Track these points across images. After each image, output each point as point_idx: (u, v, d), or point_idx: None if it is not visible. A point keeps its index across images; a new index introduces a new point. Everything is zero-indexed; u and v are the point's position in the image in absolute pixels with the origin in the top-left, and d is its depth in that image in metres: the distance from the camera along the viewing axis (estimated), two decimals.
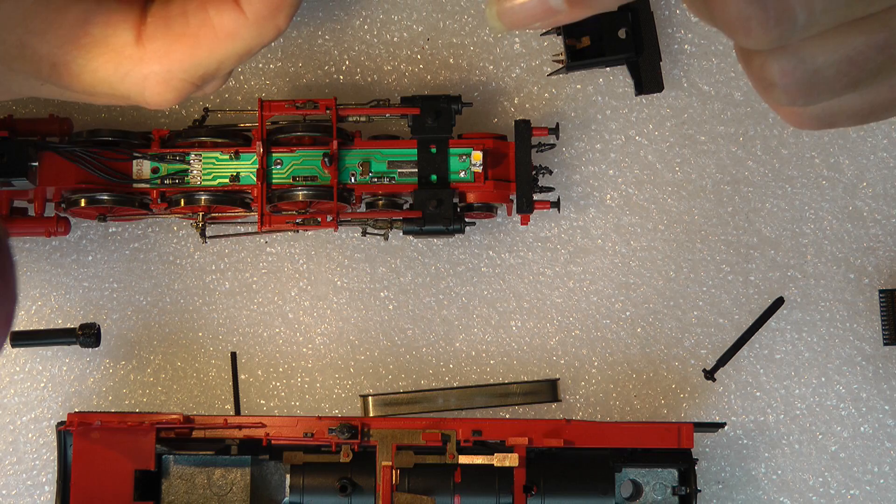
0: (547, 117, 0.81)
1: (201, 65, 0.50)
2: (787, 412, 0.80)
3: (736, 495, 0.79)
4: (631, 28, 0.78)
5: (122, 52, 0.49)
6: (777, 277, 0.81)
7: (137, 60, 0.49)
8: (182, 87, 0.51)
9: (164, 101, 0.51)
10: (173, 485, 0.74)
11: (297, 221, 0.76)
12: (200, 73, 0.50)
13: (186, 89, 0.51)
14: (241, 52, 0.50)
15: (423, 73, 0.81)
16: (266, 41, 0.50)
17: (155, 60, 0.49)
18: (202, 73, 0.50)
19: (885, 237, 0.81)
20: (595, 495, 0.74)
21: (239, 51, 0.50)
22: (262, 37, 0.50)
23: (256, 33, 0.50)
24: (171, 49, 0.49)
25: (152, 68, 0.49)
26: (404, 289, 0.81)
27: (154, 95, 0.50)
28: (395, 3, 0.82)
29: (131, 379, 0.80)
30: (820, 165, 0.81)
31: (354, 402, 0.80)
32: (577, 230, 0.81)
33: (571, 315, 0.81)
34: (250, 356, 0.80)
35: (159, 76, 0.50)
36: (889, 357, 0.80)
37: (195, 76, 0.50)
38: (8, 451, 0.79)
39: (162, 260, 0.80)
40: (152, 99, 0.50)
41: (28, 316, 0.80)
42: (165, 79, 0.50)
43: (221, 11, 0.49)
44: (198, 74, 0.50)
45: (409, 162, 0.76)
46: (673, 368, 0.80)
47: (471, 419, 0.74)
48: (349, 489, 0.73)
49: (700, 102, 0.81)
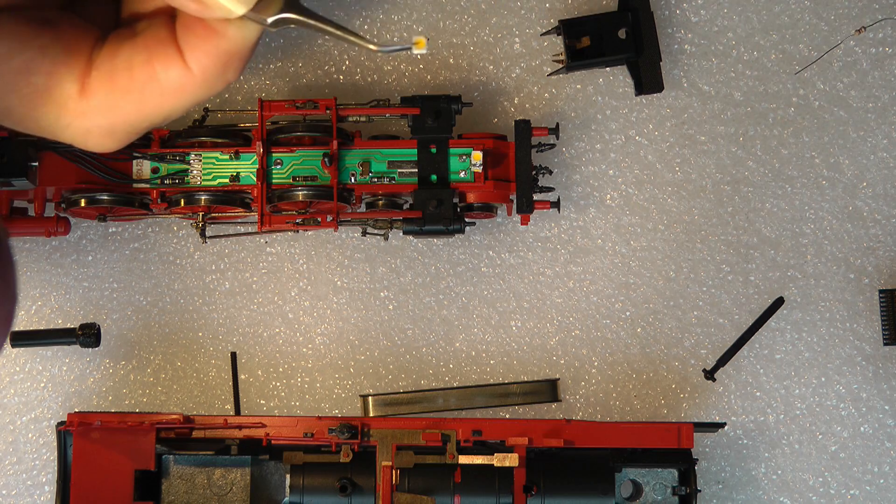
0: (547, 117, 0.81)
1: (146, 119, 0.49)
2: (787, 412, 0.80)
3: (736, 495, 0.79)
4: (631, 28, 0.78)
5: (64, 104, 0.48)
6: (777, 277, 0.81)
7: (80, 113, 0.48)
8: (126, 137, 0.50)
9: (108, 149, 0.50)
10: (173, 485, 0.74)
11: (297, 221, 0.76)
12: (145, 126, 0.49)
13: (129, 138, 0.50)
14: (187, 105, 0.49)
15: (423, 73, 0.81)
16: (214, 93, 0.50)
17: (98, 114, 0.48)
18: (147, 125, 0.49)
19: (885, 237, 0.81)
20: (595, 495, 0.73)
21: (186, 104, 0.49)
22: (209, 91, 0.49)
23: (204, 89, 0.49)
24: (115, 104, 0.48)
25: (95, 121, 0.48)
26: (404, 289, 0.81)
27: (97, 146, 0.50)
28: (395, 3, 0.82)
29: (131, 379, 0.80)
30: (820, 165, 0.81)
31: (354, 402, 0.80)
32: (577, 230, 0.81)
33: (571, 315, 0.81)
34: (250, 356, 0.80)
35: (102, 129, 0.49)
36: (889, 357, 0.80)
37: (140, 129, 0.49)
38: (8, 451, 0.79)
39: (162, 260, 0.80)
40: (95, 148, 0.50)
41: (28, 316, 0.80)
42: (109, 131, 0.49)
43: (168, 67, 0.48)
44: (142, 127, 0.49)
45: (409, 162, 0.76)
46: (673, 368, 0.80)
47: (471, 419, 0.74)
48: (349, 489, 0.73)
49: (700, 102, 0.81)
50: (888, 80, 0.81)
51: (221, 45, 0.48)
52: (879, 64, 0.81)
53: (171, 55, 0.48)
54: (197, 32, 0.48)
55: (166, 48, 0.48)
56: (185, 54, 0.48)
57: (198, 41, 0.48)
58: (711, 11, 0.82)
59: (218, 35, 0.48)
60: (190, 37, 0.48)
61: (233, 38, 0.48)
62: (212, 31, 0.48)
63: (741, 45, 0.81)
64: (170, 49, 0.48)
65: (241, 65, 0.49)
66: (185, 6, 0.47)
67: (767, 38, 0.82)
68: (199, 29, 0.48)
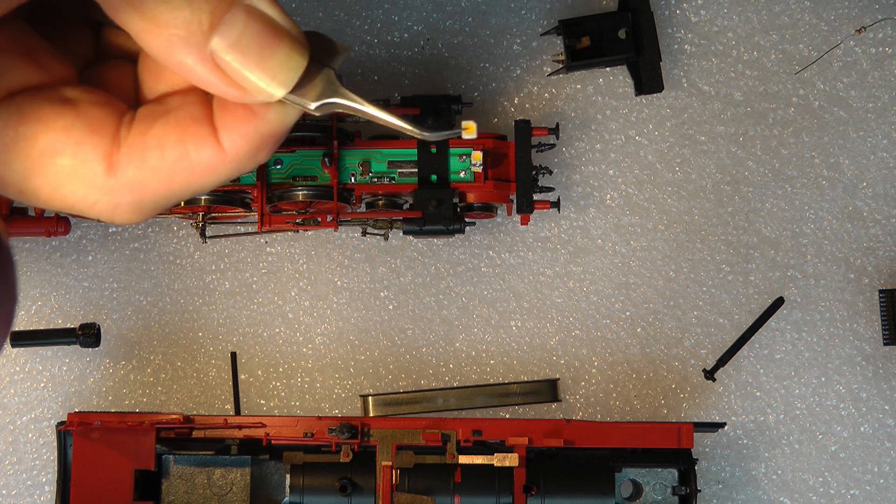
0: (547, 117, 0.81)
1: (174, 195, 0.48)
2: (787, 412, 0.80)
3: (736, 495, 0.79)
4: (631, 28, 0.78)
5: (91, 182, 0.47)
6: (777, 277, 0.81)
7: (108, 190, 0.47)
8: (153, 212, 0.49)
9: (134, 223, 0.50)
10: (173, 485, 0.74)
11: (297, 221, 0.76)
12: (172, 202, 0.49)
13: (155, 212, 0.49)
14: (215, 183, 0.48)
15: (423, 73, 0.81)
16: (244, 173, 0.49)
17: (127, 191, 0.47)
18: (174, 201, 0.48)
19: (885, 237, 0.81)
20: (595, 495, 0.73)
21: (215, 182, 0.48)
22: (239, 171, 0.48)
23: (234, 169, 0.48)
24: (144, 182, 0.47)
25: (123, 198, 0.47)
26: (404, 289, 0.81)
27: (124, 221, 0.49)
28: (395, 3, 0.82)
29: (131, 379, 0.80)
30: (820, 165, 0.81)
31: (354, 402, 0.80)
32: (577, 230, 0.81)
33: (571, 315, 0.81)
34: (250, 356, 0.80)
35: (130, 206, 0.48)
36: (889, 357, 0.80)
37: (167, 204, 0.49)
38: (8, 451, 0.79)
39: (162, 260, 0.80)
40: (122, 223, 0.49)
41: (28, 316, 0.80)
42: (137, 208, 0.48)
43: (201, 147, 0.47)
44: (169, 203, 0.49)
45: (409, 162, 0.76)
46: (673, 368, 0.80)
47: (471, 419, 0.74)
48: (349, 489, 0.73)
49: (700, 102, 0.81)
50: (888, 80, 0.81)
51: (260, 127, 0.47)
52: (879, 64, 0.81)
53: (205, 135, 0.47)
54: (236, 114, 0.47)
55: (200, 127, 0.47)
56: (219, 133, 0.47)
57: (235, 122, 0.47)
58: (711, 11, 0.82)
59: (257, 117, 0.47)
60: (228, 117, 0.47)
61: (272, 120, 0.47)
62: (251, 113, 0.47)
63: (741, 45, 0.81)
64: (203, 129, 0.47)
65: (274, 147, 0.48)
66: (225, 94, 0.46)
67: (767, 38, 0.82)
68: (238, 111, 0.47)
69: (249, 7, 0.45)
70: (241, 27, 0.45)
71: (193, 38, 0.45)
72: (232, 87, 0.46)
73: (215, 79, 0.46)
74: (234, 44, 0.45)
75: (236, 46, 0.45)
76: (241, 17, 0.45)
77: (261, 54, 0.45)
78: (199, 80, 0.46)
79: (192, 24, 0.45)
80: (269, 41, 0.45)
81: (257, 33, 0.45)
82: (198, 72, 0.45)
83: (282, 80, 0.46)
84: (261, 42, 0.45)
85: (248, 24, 0.45)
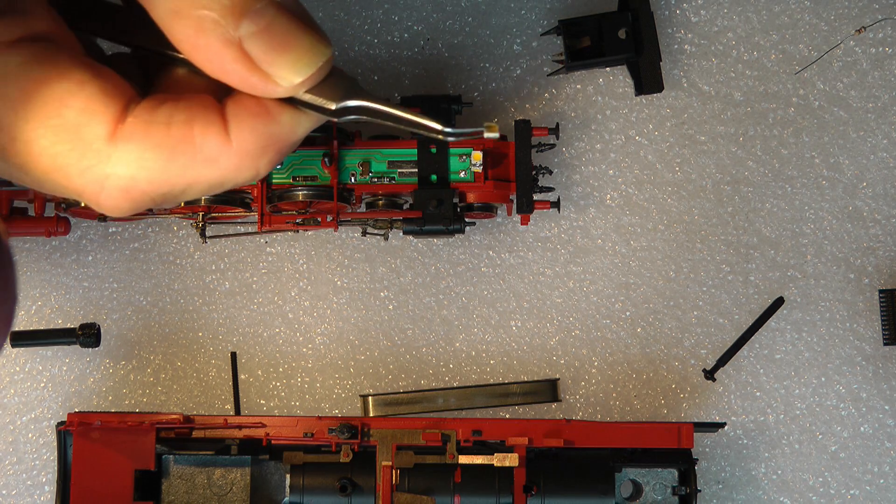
0: (547, 117, 0.81)
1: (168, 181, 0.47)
2: (787, 412, 0.80)
3: (736, 495, 0.79)
4: (631, 28, 0.78)
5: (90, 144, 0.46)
6: (777, 277, 0.81)
7: (104, 157, 0.46)
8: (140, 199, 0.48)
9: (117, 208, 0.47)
10: (173, 485, 0.74)
11: (297, 221, 0.76)
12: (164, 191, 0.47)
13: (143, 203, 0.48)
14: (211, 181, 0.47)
15: (423, 73, 0.81)
16: (239, 181, 0.48)
17: (123, 163, 0.46)
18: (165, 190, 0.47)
19: (885, 237, 0.81)
20: (595, 495, 0.74)
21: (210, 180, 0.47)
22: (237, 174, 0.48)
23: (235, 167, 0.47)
24: (143, 157, 0.46)
25: (116, 170, 0.46)
26: (404, 289, 0.81)
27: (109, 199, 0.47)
28: (395, 3, 0.82)
29: (131, 379, 0.80)
30: (820, 165, 0.81)
31: (354, 402, 0.80)
32: (577, 230, 0.81)
33: (571, 315, 0.81)
34: (250, 356, 0.80)
35: (122, 180, 0.47)
36: (889, 357, 0.80)
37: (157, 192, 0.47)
38: (8, 451, 0.79)
39: (162, 260, 0.80)
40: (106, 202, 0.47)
41: (28, 316, 0.80)
42: (127, 185, 0.47)
43: (208, 133, 0.46)
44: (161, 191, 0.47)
45: (409, 162, 0.76)
46: (673, 368, 0.80)
47: (471, 419, 0.74)
48: (349, 489, 0.73)
49: (700, 102, 0.81)
50: (888, 80, 0.81)
51: (270, 127, 0.47)
52: (879, 64, 0.81)
53: (214, 121, 0.46)
54: (249, 108, 0.47)
55: (210, 114, 0.47)
56: (229, 125, 0.47)
57: (247, 116, 0.47)
58: (711, 11, 0.82)
59: (270, 117, 0.47)
60: (240, 110, 0.47)
61: (283, 124, 0.47)
62: (265, 110, 0.47)
63: (741, 45, 0.82)
64: (213, 115, 0.47)
65: (278, 158, 0.48)
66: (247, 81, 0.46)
67: (767, 38, 0.82)
68: (253, 106, 0.47)
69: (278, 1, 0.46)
70: (272, 14, 0.46)
71: (225, 20, 0.45)
72: (255, 73, 0.46)
73: (240, 65, 0.46)
74: (263, 29, 0.45)
75: (265, 32, 0.45)
76: (271, 6, 0.46)
77: (287, 42, 0.46)
78: (222, 64, 0.46)
79: (226, 7, 0.45)
80: (296, 30, 0.46)
81: (286, 22, 0.46)
82: (224, 56, 0.46)
83: (305, 69, 0.46)
84: (288, 30, 0.46)
85: (279, 12, 0.46)
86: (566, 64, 0.78)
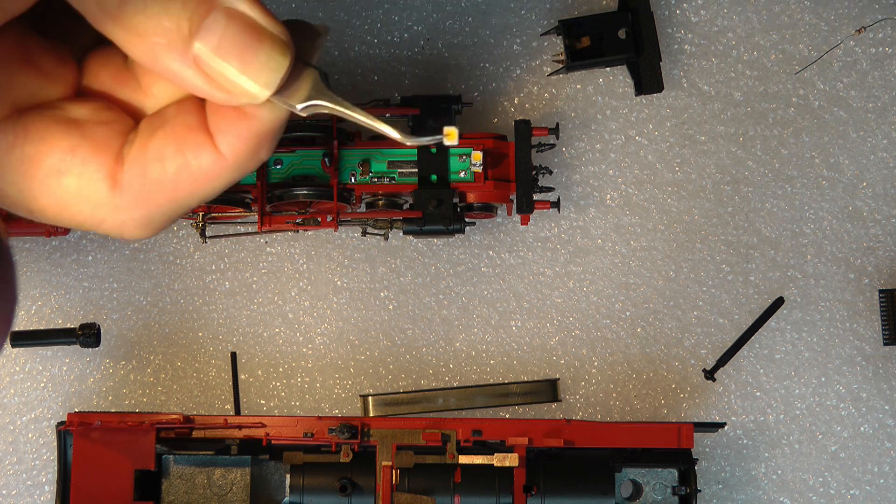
0: (547, 117, 0.81)
1: (181, 206, 0.48)
2: (787, 412, 0.80)
3: (736, 495, 0.79)
4: (631, 28, 0.78)
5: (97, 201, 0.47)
6: (777, 277, 0.81)
7: (114, 208, 0.47)
8: (162, 225, 0.49)
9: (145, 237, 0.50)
10: (173, 485, 0.74)
11: (297, 221, 0.76)
12: (180, 212, 0.49)
13: (167, 225, 0.50)
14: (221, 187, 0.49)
15: (423, 73, 0.81)
16: (247, 173, 0.49)
17: (132, 207, 0.48)
18: (182, 211, 0.49)
19: (885, 237, 0.81)
20: (595, 495, 0.74)
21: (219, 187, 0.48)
22: (242, 172, 0.49)
23: (236, 170, 0.48)
24: (148, 196, 0.47)
25: (130, 214, 0.48)
26: (404, 289, 0.81)
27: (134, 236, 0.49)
28: (395, 3, 0.82)
29: (131, 379, 0.80)
30: (820, 165, 0.81)
31: (354, 402, 0.80)
32: (577, 230, 0.81)
33: (571, 315, 0.81)
34: (250, 356, 0.80)
35: (138, 221, 0.48)
36: (889, 357, 0.80)
37: (174, 216, 0.49)
38: (8, 451, 0.79)
39: (162, 260, 0.80)
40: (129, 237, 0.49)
41: (28, 316, 0.80)
42: (144, 222, 0.49)
43: (199, 154, 0.47)
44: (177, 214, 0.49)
45: (409, 162, 0.76)
46: (673, 368, 0.80)
47: (471, 419, 0.74)
48: (349, 489, 0.73)
49: (700, 102, 0.81)
50: (888, 80, 0.81)
51: (253, 126, 0.47)
52: (879, 64, 0.81)
53: (202, 141, 0.47)
54: (227, 117, 0.47)
55: (196, 135, 0.47)
56: (215, 139, 0.47)
57: (228, 125, 0.47)
58: (711, 11, 0.82)
59: (248, 117, 0.47)
60: (220, 121, 0.47)
61: (265, 118, 0.47)
62: (242, 114, 0.47)
63: (741, 45, 0.82)
64: (200, 136, 0.47)
65: (273, 144, 0.48)
66: (213, 97, 0.46)
67: (767, 38, 0.82)
68: (230, 113, 0.47)
69: (229, 9, 0.45)
70: (222, 30, 0.45)
71: (175, 44, 0.45)
72: (218, 90, 0.46)
73: (201, 83, 0.46)
74: (215, 47, 0.45)
75: (218, 50, 0.45)
76: (220, 21, 0.45)
77: (243, 56, 0.45)
78: (186, 85, 0.46)
79: (173, 32, 0.45)
80: (251, 43, 0.45)
81: (238, 35, 0.45)
82: (184, 76, 0.46)
83: (266, 82, 0.46)
84: (242, 44, 0.45)
85: (229, 26, 0.45)
86: (566, 64, 0.78)
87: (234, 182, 0.49)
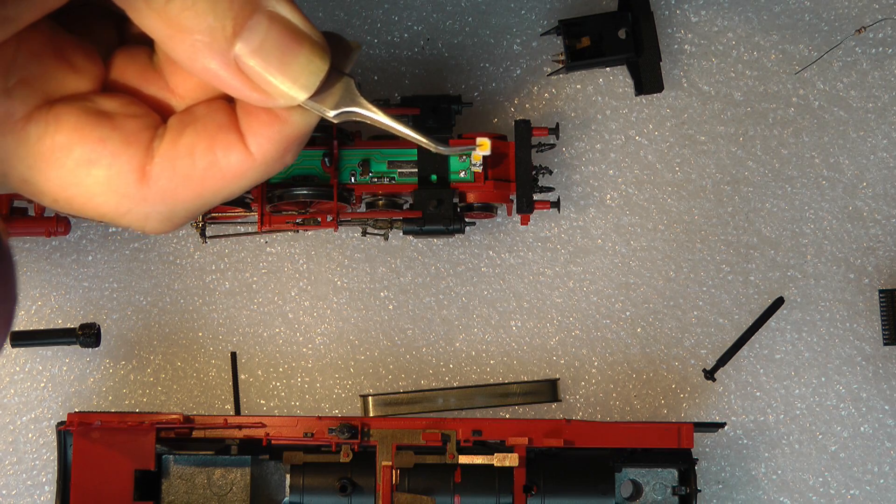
0: (547, 117, 0.81)
1: (205, 203, 0.49)
2: (787, 412, 0.80)
3: (736, 495, 0.79)
4: (631, 28, 0.78)
5: (125, 193, 0.48)
6: (777, 277, 0.81)
7: (140, 200, 0.48)
8: (183, 220, 0.51)
9: (164, 232, 0.51)
10: (173, 485, 0.74)
11: (297, 221, 0.76)
12: (203, 209, 0.50)
13: (184, 222, 0.51)
14: (245, 187, 0.50)
15: (423, 73, 0.81)
16: (271, 175, 0.50)
17: (159, 201, 0.48)
18: (204, 208, 0.50)
19: (885, 237, 0.81)
20: (595, 495, 0.74)
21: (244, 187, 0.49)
22: (267, 174, 0.50)
23: (263, 172, 0.49)
24: (175, 190, 0.48)
25: (156, 207, 0.49)
26: (404, 289, 0.81)
27: (155, 230, 0.50)
28: (395, 3, 0.82)
29: (131, 379, 0.80)
30: (820, 165, 0.81)
31: (354, 402, 0.80)
32: (577, 230, 0.81)
33: (571, 315, 0.81)
34: (250, 356, 0.80)
35: (162, 215, 0.49)
36: (889, 357, 0.80)
37: (197, 212, 0.50)
38: (8, 451, 0.79)
39: (162, 260, 0.80)
40: (151, 231, 0.50)
41: (28, 316, 0.80)
42: (168, 217, 0.50)
43: (229, 153, 0.48)
44: (200, 210, 0.50)
45: (409, 162, 0.76)
46: (673, 368, 0.80)
47: (471, 419, 0.74)
48: (349, 489, 0.73)
49: (700, 102, 0.81)
50: (888, 80, 0.81)
51: (284, 130, 0.48)
52: (879, 64, 0.81)
53: (233, 140, 0.48)
54: (259, 118, 0.48)
55: (227, 133, 0.48)
56: (246, 139, 0.48)
57: (260, 127, 0.48)
58: (711, 11, 0.82)
59: (280, 120, 0.48)
60: (252, 122, 0.48)
61: (296, 123, 0.48)
62: (275, 116, 0.48)
63: (741, 45, 0.82)
64: (231, 135, 0.48)
65: (299, 149, 0.49)
66: (249, 98, 0.47)
67: (767, 38, 0.82)
68: (263, 115, 0.48)
69: (272, 13, 0.46)
70: (264, 33, 0.46)
71: (217, 43, 0.46)
72: (255, 91, 0.47)
73: (239, 83, 0.46)
74: (257, 49, 0.46)
75: (259, 51, 0.46)
76: (263, 23, 0.46)
77: (283, 59, 0.46)
78: (223, 85, 0.47)
79: (217, 31, 0.45)
80: (292, 46, 0.46)
81: (280, 38, 0.46)
82: (222, 76, 0.46)
83: (304, 84, 0.47)
84: (283, 47, 0.46)
85: (271, 29, 0.46)
86: (566, 64, 0.78)
87: (257, 183, 0.49)
